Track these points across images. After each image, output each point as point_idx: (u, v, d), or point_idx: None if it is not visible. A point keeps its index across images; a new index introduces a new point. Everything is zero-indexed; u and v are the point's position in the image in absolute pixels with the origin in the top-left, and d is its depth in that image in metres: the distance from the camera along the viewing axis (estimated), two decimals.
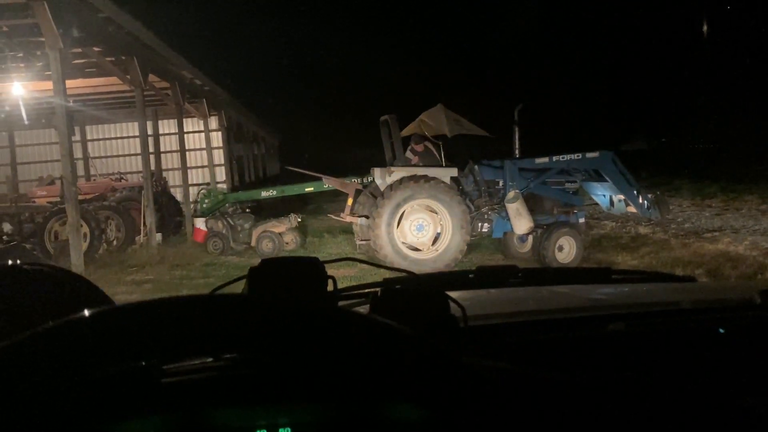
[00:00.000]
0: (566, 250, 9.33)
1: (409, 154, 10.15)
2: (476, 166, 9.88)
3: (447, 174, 9.57)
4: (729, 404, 0.89)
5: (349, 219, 10.42)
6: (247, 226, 11.61)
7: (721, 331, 1.16)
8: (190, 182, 15.37)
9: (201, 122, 18.06)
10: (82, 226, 9.33)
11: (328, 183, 11.22)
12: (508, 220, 9.37)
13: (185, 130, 15.74)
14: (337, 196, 13.17)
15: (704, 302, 1.48)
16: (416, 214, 9.34)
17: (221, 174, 19.75)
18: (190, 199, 14.85)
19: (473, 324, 1.08)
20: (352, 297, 1.44)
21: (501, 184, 9.73)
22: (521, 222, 9.26)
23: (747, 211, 13.60)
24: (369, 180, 10.45)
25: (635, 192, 9.72)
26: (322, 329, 0.66)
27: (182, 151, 15.10)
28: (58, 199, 12.16)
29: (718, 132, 31.08)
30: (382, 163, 10.01)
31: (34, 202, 13.48)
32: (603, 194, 10.19)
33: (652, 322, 1.22)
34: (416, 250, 9.42)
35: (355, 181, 10.74)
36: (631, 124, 43.55)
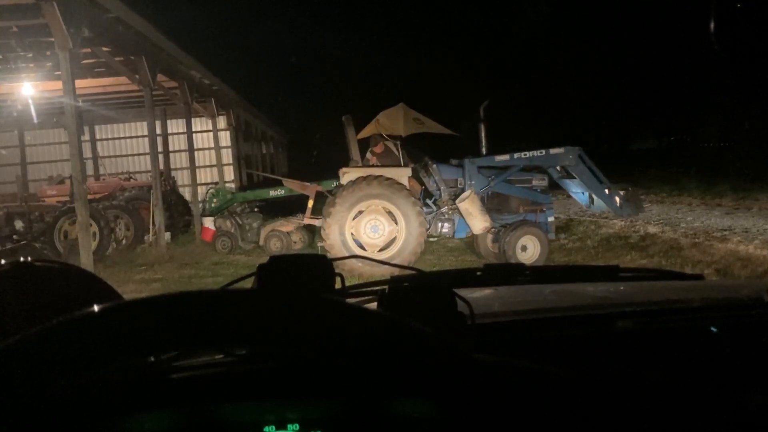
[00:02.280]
0: (530, 250, 9.09)
1: (368, 154, 10.16)
2: (435, 165, 9.78)
3: (401, 174, 9.43)
4: (737, 402, 0.89)
5: (307, 221, 10.48)
6: (255, 225, 11.63)
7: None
8: (198, 181, 15.42)
9: (209, 122, 18.11)
10: (91, 225, 9.37)
11: (288, 185, 11.36)
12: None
13: (194, 130, 15.77)
14: None
15: (713, 300, 1.48)
16: (370, 215, 9.21)
17: (230, 173, 19.80)
18: (199, 199, 14.91)
19: (481, 321, 1.08)
20: (360, 294, 1.44)
21: (462, 183, 9.62)
22: (474, 222, 9.16)
23: (758, 210, 13.52)
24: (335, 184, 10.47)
25: (605, 189, 9.53)
26: (332, 324, 0.66)
27: (191, 150, 15.13)
28: (68, 198, 12.21)
29: (728, 130, 30.89)
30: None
31: (43, 201, 13.56)
32: (581, 192, 9.98)
33: (660, 320, 1.22)
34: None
35: (315, 184, 10.78)
36: (641, 121, 43.38)
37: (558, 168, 9.80)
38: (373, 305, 1.11)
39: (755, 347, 1.11)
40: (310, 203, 10.51)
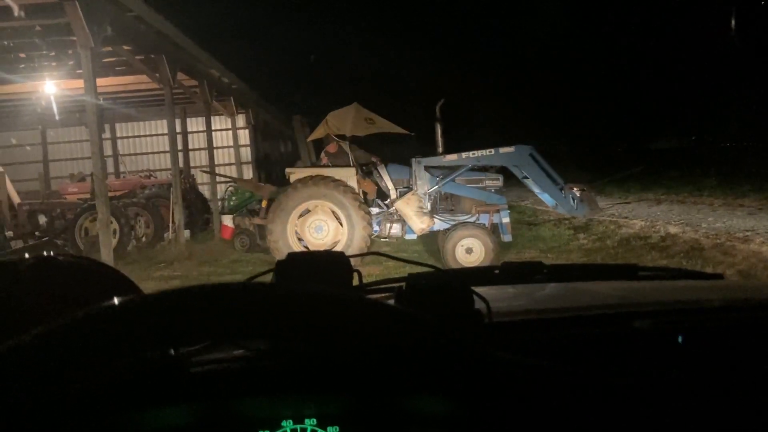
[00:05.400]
0: (476, 253, 8.86)
1: (322, 154, 10.21)
2: (383, 166, 9.76)
3: (346, 174, 9.38)
4: (756, 403, 0.88)
5: (257, 221, 10.57)
6: None
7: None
8: (217, 180, 15.53)
9: (228, 120, 18.22)
10: (111, 222, 9.47)
11: (243, 186, 11.34)
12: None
13: (213, 128, 15.89)
14: None
15: (733, 300, 1.46)
16: (315, 216, 9.20)
17: (248, 171, 19.91)
18: (218, 197, 15.00)
19: (498, 320, 1.08)
20: (377, 291, 1.45)
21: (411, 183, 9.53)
22: (411, 222, 9.15)
23: None
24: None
25: (560, 189, 9.30)
26: (350, 320, 0.67)
27: (210, 148, 15.24)
28: (89, 195, 12.36)
29: (750, 129, 30.53)
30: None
31: (65, 198, 13.72)
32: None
33: (679, 320, 1.21)
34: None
35: (268, 185, 10.80)
36: (661, 120, 43.00)
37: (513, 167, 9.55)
38: (391, 302, 1.11)
39: None
40: (264, 204, 10.54)
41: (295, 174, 9.54)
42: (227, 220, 11.95)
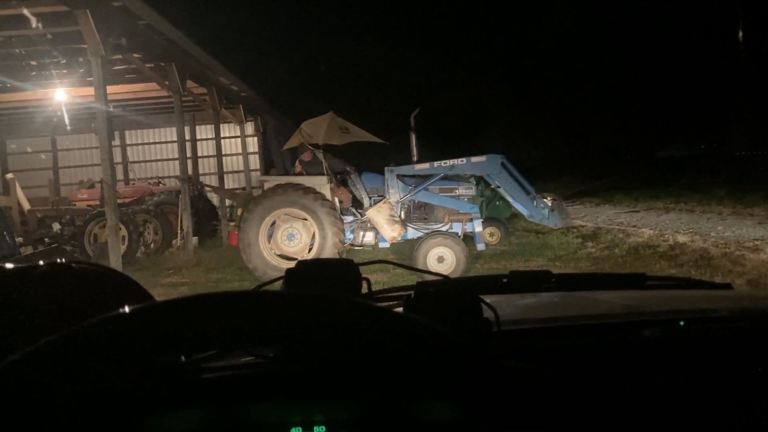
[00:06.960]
0: (448, 261, 8.82)
1: (297, 162, 10.25)
2: (356, 175, 9.78)
3: (318, 182, 9.39)
4: (761, 411, 0.88)
5: (231, 229, 10.54)
6: None
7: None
8: (226, 187, 15.57)
9: (237, 127, 18.27)
10: (120, 229, 9.51)
11: (218, 194, 11.27)
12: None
13: (222, 135, 15.95)
14: None
15: (741, 310, 1.46)
16: (288, 224, 9.19)
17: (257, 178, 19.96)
18: (226, 204, 15.04)
19: (506, 328, 1.08)
20: (386, 299, 1.45)
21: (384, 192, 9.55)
22: (383, 231, 9.18)
23: None
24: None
25: (531, 198, 9.30)
26: (358, 326, 0.67)
27: (219, 155, 15.30)
28: (98, 202, 12.42)
29: (759, 138, 30.35)
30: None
31: (74, 205, 13.80)
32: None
33: (687, 329, 1.21)
34: (293, 260, 8.97)
35: (244, 192, 10.81)
36: (670, 129, 42.86)
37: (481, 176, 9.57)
38: (399, 311, 1.12)
39: None
40: (240, 212, 10.55)
41: (268, 182, 9.60)
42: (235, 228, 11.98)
